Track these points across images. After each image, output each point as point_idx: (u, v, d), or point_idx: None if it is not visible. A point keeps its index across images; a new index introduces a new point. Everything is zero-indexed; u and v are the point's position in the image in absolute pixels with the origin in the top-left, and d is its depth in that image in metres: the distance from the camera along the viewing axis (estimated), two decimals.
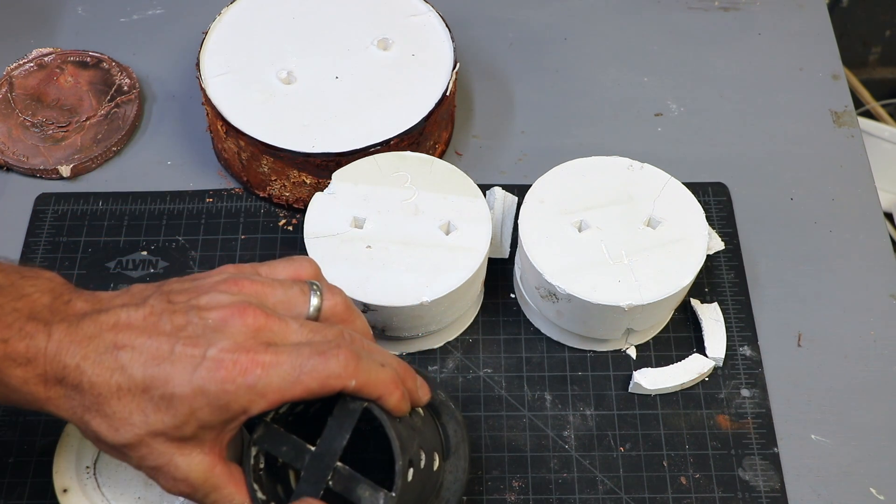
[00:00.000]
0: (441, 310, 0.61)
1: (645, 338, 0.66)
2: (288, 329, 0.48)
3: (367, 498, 0.48)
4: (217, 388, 0.46)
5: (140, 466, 0.48)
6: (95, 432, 0.47)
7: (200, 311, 0.48)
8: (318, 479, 0.48)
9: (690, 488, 0.61)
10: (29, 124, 0.76)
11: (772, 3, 0.87)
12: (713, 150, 0.77)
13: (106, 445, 0.48)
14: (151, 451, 0.47)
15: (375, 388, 0.49)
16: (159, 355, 0.46)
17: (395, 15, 0.75)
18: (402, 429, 0.50)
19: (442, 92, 0.70)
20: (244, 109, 0.70)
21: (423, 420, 0.53)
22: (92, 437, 0.48)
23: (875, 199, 0.74)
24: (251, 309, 0.48)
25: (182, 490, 0.48)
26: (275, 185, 0.71)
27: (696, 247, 0.62)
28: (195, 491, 0.48)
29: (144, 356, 0.46)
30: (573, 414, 0.64)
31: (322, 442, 0.49)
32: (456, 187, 0.64)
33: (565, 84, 0.81)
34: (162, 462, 0.47)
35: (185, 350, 0.46)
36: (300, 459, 0.49)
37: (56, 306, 0.48)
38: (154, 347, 0.47)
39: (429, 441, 0.53)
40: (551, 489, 0.61)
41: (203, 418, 0.47)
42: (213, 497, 0.49)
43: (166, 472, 0.47)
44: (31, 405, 0.48)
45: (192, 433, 0.47)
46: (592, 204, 0.64)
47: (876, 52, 1.51)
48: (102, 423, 0.47)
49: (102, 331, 0.47)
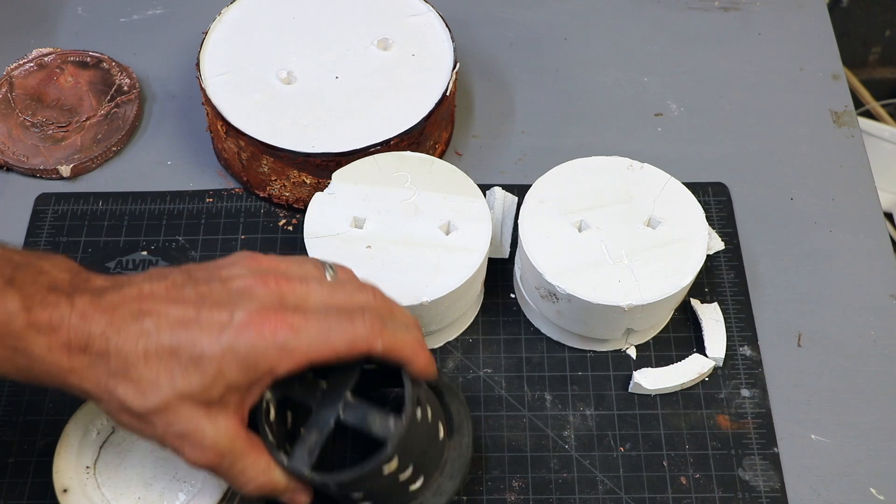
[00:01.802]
0: (441, 310, 0.61)
1: (645, 338, 0.66)
2: (311, 291, 0.49)
3: (378, 423, 0.49)
4: (246, 346, 0.46)
5: (165, 435, 0.48)
6: (121, 399, 0.47)
7: (224, 282, 0.48)
8: (329, 411, 0.49)
9: (690, 488, 0.61)
10: (29, 124, 0.76)
11: (772, 3, 0.87)
12: (713, 150, 0.77)
13: (130, 415, 0.47)
14: (178, 416, 0.47)
15: (402, 351, 0.49)
16: (186, 320, 0.47)
17: (395, 15, 0.75)
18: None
19: (442, 92, 0.70)
20: (244, 109, 0.70)
21: (428, 392, 0.54)
22: (116, 406, 0.47)
23: (875, 199, 0.74)
24: (273, 275, 0.49)
25: (209, 459, 0.48)
26: (275, 185, 0.71)
27: (696, 247, 0.62)
28: (222, 459, 0.48)
29: (171, 321, 0.47)
30: (573, 414, 0.64)
31: (333, 377, 0.50)
32: (456, 187, 0.64)
33: (565, 84, 0.81)
34: (189, 428, 0.47)
35: (211, 314, 0.47)
36: (312, 395, 0.50)
37: (76, 282, 0.48)
38: (180, 313, 0.47)
39: (434, 409, 0.53)
40: (551, 489, 0.61)
41: (231, 378, 0.46)
42: (240, 465, 0.49)
43: (193, 440, 0.47)
44: (53, 378, 0.47)
45: (219, 395, 0.47)
46: (592, 204, 0.64)
47: (876, 52, 1.51)
48: (129, 388, 0.46)
49: (126, 301, 0.47)
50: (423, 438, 0.52)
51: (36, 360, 0.47)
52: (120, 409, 0.47)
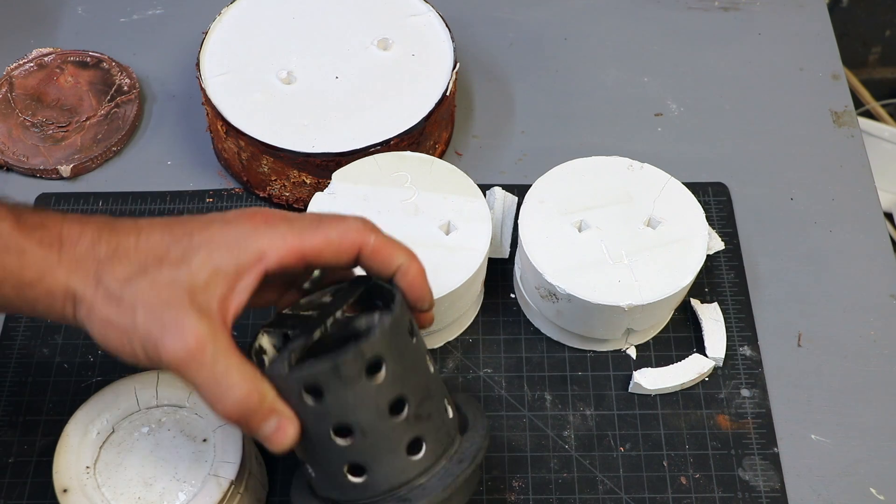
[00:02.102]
0: (441, 310, 0.61)
1: (645, 338, 0.66)
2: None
3: (364, 321, 0.48)
4: (235, 230, 0.47)
5: (145, 322, 0.45)
6: (107, 285, 0.46)
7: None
8: (318, 324, 0.49)
9: (690, 488, 0.61)
10: (29, 124, 0.76)
11: (772, 3, 0.87)
12: (713, 150, 0.77)
13: (111, 302, 0.46)
14: (160, 298, 0.45)
15: (393, 252, 0.49)
16: (176, 221, 0.48)
17: (395, 15, 0.75)
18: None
19: (442, 92, 0.70)
20: (244, 109, 0.70)
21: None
22: (102, 296, 0.46)
23: (875, 199, 0.74)
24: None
25: (189, 348, 0.45)
26: (275, 185, 0.71)
27: (696, 247, 0.62)
28: (203, 351, 0.45)
29: (163, 223, 0.48)
30: (573, 414, 0.64)
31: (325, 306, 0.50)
32: (456, 187, 0.64)
33: (565, 84, 0.81)
34: (171, 315, 0.45)
35: (202, 216, 0.48)
36: (305, 325, 0.49)
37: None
38: (172, 220, 0.48)
39: (437, 382, 0.51)
40: (551, 489, 0.61)
41: (217, 260, 0.46)
42: (222, 365, 0.45)
43: (174, 327, 0.45)
44: (41, 277, 0.46)
45: (205, 280, 0.46)
46: (592, 204, 0.64)
47: (876, 52, 1.50)
48: (116, 271, 0.46)
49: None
50: (419, 370, 0.48)
51: (26, 255, 0.46)
52: (105, 298, 0.46)
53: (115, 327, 0.46)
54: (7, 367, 0.65)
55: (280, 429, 0.46)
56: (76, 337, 0.66)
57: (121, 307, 0.46)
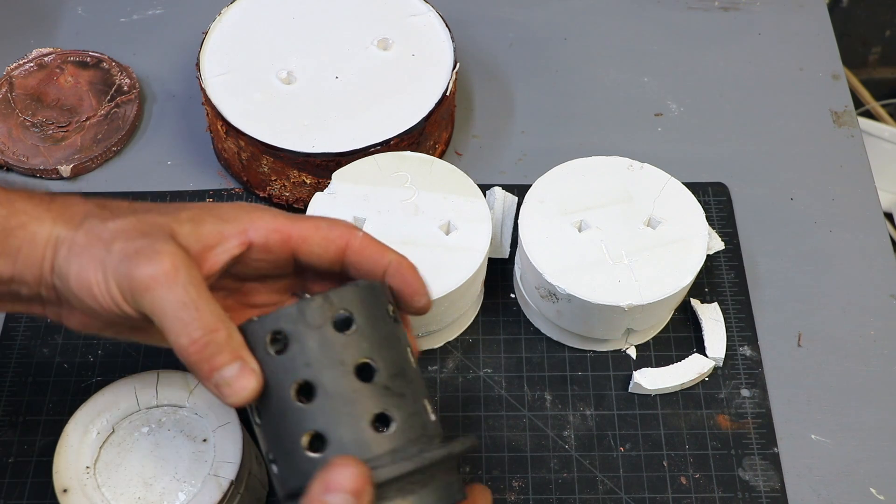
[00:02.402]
0: (441, 310, 0.61)
1: (645, 338, 0.66)
2: None
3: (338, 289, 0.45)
4: (225, 207, 0.47)
5: (122, 251, 0.44)
6: (92, 224, 0.46)
7: None
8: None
9: (690, 488, 0.61)
10: (29, 124, 0.76)
11: (772, 3, 0.87)
12: (713, 150, 0.77)
13: (94, 239, 0.46)
14: (141, 230, 0.45)
15: (382, 248, 0.48)
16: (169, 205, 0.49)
17: (395, 15, 0.75)
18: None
19: (442, 92, 0.70)
20: (244, 109, 0.70)
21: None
22: (83, 234, 0.46)
23: (875, 199, 0.74)
24: None
25: (165, 269, 0.43)
26: (275, 185, 0.71)
27: (696, 247, 0.62)
28: (176, 276, 0.43)
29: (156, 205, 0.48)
30: (573, 414, 0.64)
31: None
32: (456, 187, 0.64)
33: (565, 84, 0.81)
34: (146, 242, 0.44)
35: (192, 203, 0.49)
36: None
37: None
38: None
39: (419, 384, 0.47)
40: (551, 489, 0.61)
41: (203, 221, 0.46)
42: (192, 294, 0.43)
43: (149, 251, 0.44)
44: (26, 230, 0.46)
45: (188, 218, 0.46)
46: (592, 204, 0.64)
47: (876, 52, 1.50)
48: (103, 214, 0.46)
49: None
50: (395, 348, 0.45)
51: (14, 205, 0.46)
52: (86, 235, 0.45)
53: (91, 260, 0.45)
54: (7, 367, 0.65)
55: (242, 375, 0.43)
56: (76, 337, 0.66)
57: (100, 241, 0.45)
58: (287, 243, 0.48)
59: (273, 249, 0.48)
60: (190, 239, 0.46)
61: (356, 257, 0.48)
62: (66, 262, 0.46)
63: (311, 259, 0.49)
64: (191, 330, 0.43)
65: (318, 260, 0.49)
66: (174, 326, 0.43)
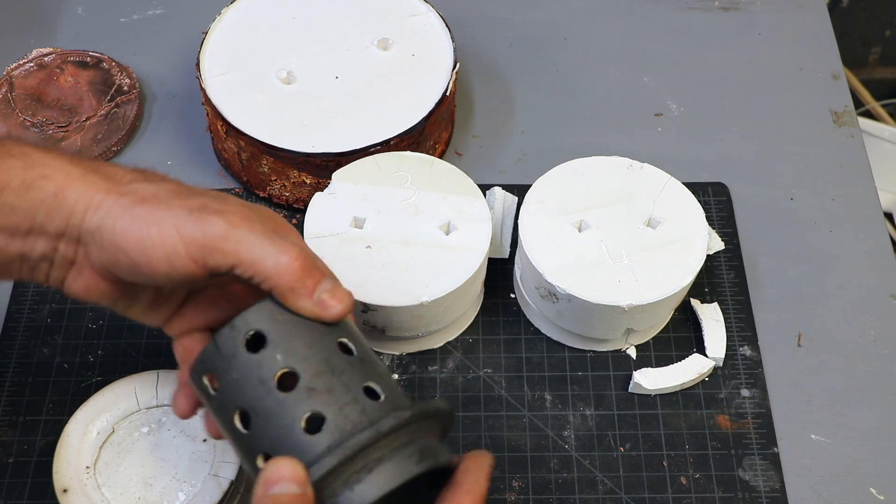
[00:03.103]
0: (441, 310, 0.61)
1: (645, 338, 0.66)
2: None
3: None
4: (266, 220, 0.48)
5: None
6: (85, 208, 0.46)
7: None
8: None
9: (690, 488, 0.61)
10: (29, 124, 0.76)
11: (772, 3, 0.87)
12: (713, 150, 0.77)
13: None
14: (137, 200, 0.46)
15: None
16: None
17: (395, 15, 0.75)
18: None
19: (442, 92, 0.70)
20: (244, 109, 0.70)
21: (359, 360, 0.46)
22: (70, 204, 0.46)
23: (875, 199, 0.74)
24: None
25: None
26: (275, 185, 0.71)
27: (696, 247, 0.62)
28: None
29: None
30: (573, 414, 0.64)
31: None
32: (456, 187, 0.64)
33: (565, 84, 0.81)
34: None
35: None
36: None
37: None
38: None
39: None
40: (551, 489, 0.61)
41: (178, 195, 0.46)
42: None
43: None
44: (40, 189, 0.46)
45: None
46: (592, 204, 0.64)
47: (876, 52, 1.50)
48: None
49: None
50: (318, 346, 0.45)
51: (30, 157, 0.46)
52: (135, 197, 0.46)
53: (145, 214, 0.45)
54: (7, 367, 0.65)
55: (338, 286, 0.46)
56: (76, 337, 0.66)
57: (154, 196, 0.46)
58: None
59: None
60: (239, 207, 0.47)
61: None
62: (110, 217, 0.45)
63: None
64: (285, 252, 0.45)
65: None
66: (267, 252, 0.45)
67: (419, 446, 0.45)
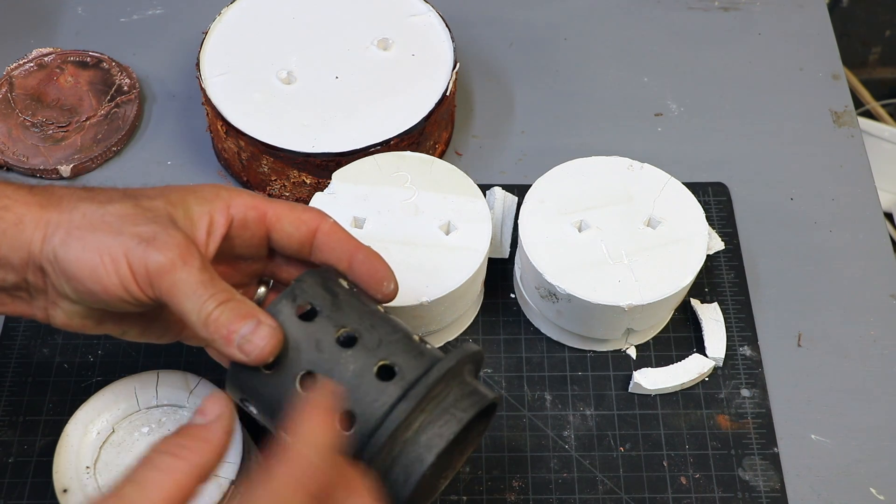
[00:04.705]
0: (441, 310, 0.61)
1: (645, 338, 0.66)
2: None
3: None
4: (205, 187, 0.49)
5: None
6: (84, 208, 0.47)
7: None
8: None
9: (690, 488, 0.61)
10: (29, 124, 0.76)
11: (772, 3, 0.87)
12: (713, 150, 0.77)
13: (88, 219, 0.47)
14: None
15: (349, 236, 0.50)
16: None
17: (395, 15, 0.75)
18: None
19: (442, 92, 0.70)
20: (244, 109, 0.70)
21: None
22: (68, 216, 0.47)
23: (875, 199, 0.74)
24: None
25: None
26: (275, 185, 0.71)
27: (696, 247, 0.62)
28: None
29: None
30: (573, 414, 0.64)
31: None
32: (456, 187, 0.64)
33: (565, 84, 0.81)
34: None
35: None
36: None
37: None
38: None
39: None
40: (551, 489, 0.61)
41: (191, 203, 0.48)
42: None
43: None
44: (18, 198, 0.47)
45: (183, 214, 0.47)
46: (592, 204, 0.64)
47: (876, 52, 1.50)
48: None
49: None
50: (360, 308, 0.48)
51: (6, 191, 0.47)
52: (84, 218, 0.47)
53: (97, 244, 0.46)
54: (7, 367, 0.65)
55: (259, 328, 0.45)
56: (76, 337, 0.66)
57: (103, 223, 0.46)
58: (262, 220, 0.49)
59: (250, 226, 0.49)
60: (186, 223, 0.47)
61: (325, 239, 0.50)
62: (63, 246, 0.46)
63: (282, 238, 0.50)
64: (208, 304, 0.45)
65: (288, 240, 0.50)
66: (192, 305, 0.45)
67: (470, 388, 0.47)
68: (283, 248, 0.51)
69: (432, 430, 0.45)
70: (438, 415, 0.45)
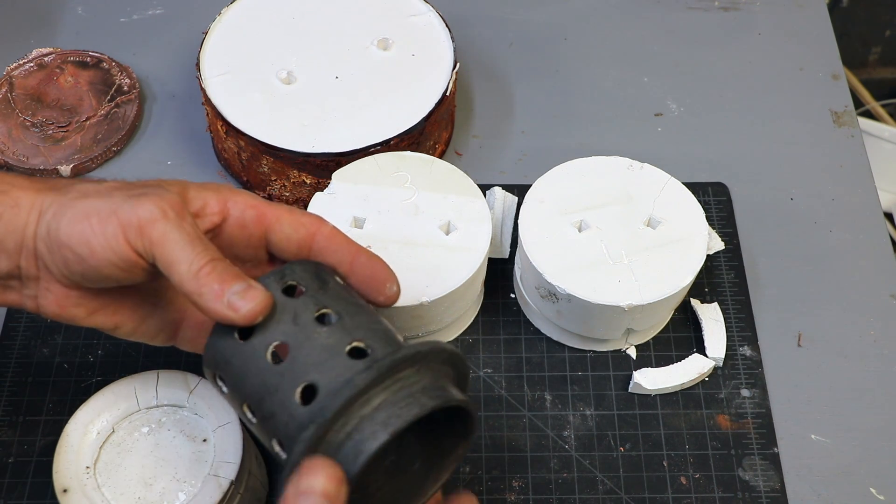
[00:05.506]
0: (441, 310, 0.61)
1: (645, 338, 0.66)
2: None
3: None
4: (203, 183, 0.49)
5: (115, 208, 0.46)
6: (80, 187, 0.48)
7: None
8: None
9: (690, 488, 0.61)
10: (29, 124, 0.76)
11: (772, 3, 0.87)
12: (713, 150, 0.77)
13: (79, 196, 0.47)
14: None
15: (349, 240, 0.50)
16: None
17: (395, 15, 0.75)
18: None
19: (442, 92, 0.70)
20: (244, 109, 0.70)
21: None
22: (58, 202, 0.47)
23: (875, 199, 0.74)
24: None
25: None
26: (275, 185, 0.71)
27: (696, 247, 0.62)
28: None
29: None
30: (573, 414, 0.64)
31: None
32: (456, 187, 0.64)
33: (565, 84, 0.81)
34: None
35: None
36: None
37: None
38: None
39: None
40: (551, 489, 0.61)
41: (186, 191, 0.48)
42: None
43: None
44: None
45: (175, 199, 0.47)
46: (592, 204, 0.64)
47: (876, 52, 1.50)
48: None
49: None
50: (345, 299, 0.47)
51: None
52: (78, 194, 0.47)
53: (86, 206, 0.46)
54: (7, 367, 0.65)
55: (251, 288, 0.45)
56: (76, 337, 0.66)
57: (96, 192, 0.47)
58: (261, 221, 0.50)
59: (248, 225, 0.50)
60: (180, 207, 0.47)
61: (326, 242, 0.50)
62: (55, 218, 0.47)
63: (281, 240, 0.50)
64: (200, 257, 0.45)
65: (287, 242, 0.50)
66: (183, 255, 0.45)
67: (441, 385, 0.45)
68: (282, 250, 0.51)
69: (392, 410, 0.43)
70: (402, 397, 0.43)
